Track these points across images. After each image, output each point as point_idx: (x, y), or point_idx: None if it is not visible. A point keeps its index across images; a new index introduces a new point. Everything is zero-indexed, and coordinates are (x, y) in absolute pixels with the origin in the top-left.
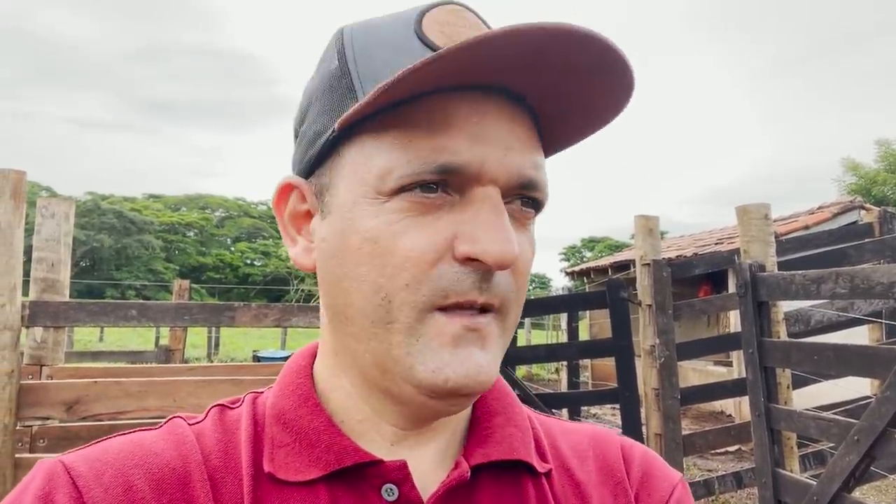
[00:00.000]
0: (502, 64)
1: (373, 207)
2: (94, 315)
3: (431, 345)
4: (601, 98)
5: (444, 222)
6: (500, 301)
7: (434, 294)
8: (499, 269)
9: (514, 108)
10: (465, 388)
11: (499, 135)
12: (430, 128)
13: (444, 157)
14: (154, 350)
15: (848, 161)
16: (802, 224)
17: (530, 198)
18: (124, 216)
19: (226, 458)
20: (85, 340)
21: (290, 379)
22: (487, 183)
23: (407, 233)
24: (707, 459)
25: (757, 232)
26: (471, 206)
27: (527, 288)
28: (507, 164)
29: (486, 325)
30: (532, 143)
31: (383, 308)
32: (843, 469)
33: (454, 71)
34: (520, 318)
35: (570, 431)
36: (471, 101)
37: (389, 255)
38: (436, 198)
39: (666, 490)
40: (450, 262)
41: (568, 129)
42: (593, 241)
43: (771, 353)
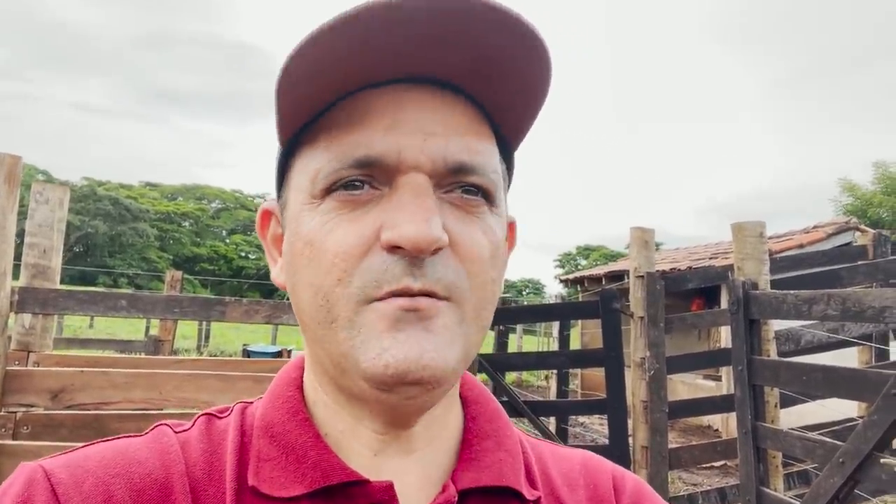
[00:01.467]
0: (390, 46)
1: (310, 212)
2: (83, 304)
3: (372, 333)
4: (522, 68)
5: (372, 215)
6: (446, 288)
7: (366, 286)
8: (418, 252)
9: (443, 95)
10: (410, 375)
11: (419, 122)
12: (349, 125)
13: (360, 151)
14: (143, 340)
15: (845, 182)
16: (797, 243)
17: (471, 185)
18: (120, 203)
19: (210, 470)
20: (75, 327)
21: (280, 391)
22: (409, 170)
23: (335, 230)
24: (692, 473)
25: (751, 249)
26: (395, 194)
27: (490, 279)
28: (428, 150)
29: (430, 307)
30: (466, 128)
31: (325, 308)
32: (827, 490)
33: (338, 59)
34: (491, 312)
35: (561, 457)
36: (391, 94)
37: (322, 255)
38: (361, 194)
39: None
40: (378, 253)
41: (511, 109)
42: (588, 250)
43: (760, 371)
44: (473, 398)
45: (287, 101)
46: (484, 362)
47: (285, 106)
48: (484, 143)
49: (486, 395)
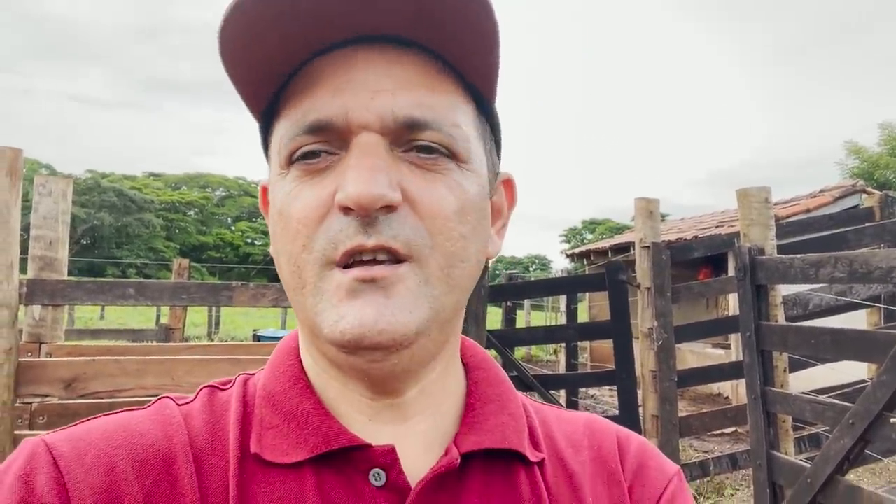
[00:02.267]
0: (323, 8)
1: (280, 182)
2: (91, 293)
3: (332, 300)
4: (464, 11)
5: (329, 179)
6: (405, 245)
7: (326, 248)
8: (363, 210)
9: (394, 52)
10: (366, 339)
11: (367, 81)
12: (302, 92)
13: (310, 116)
14: (154, 329)
15: (851, 144)
16: (804, 207)
17: (428, 141)
18: (124, 194)
19: (213, 440)
20: (86, 318)
21: (280, 360)
22: (359, 130)
23: (298, 197)
24: (703, 441)
25: (757, 215)
26: (347, 156)
27: (458, 234)
28: (374, 108)
29: (389, 276)
30: (417, 83)
31: (296, 274)
32: (838, 452)
33: (267, 29)
34: (465, 270)
35: (565, 420)
36: (340, 57)
37: (289, 223)
38: (319, 161)
39: (661, 483)
40: (336, 215)
41: (468, 57)
42: (594, 223)
43: (768, 336)
44: (475, 364)
45: (237, 78)
46: (492, 338)
47: (237, 80)
48: (439, 96)
49: (489, 360)
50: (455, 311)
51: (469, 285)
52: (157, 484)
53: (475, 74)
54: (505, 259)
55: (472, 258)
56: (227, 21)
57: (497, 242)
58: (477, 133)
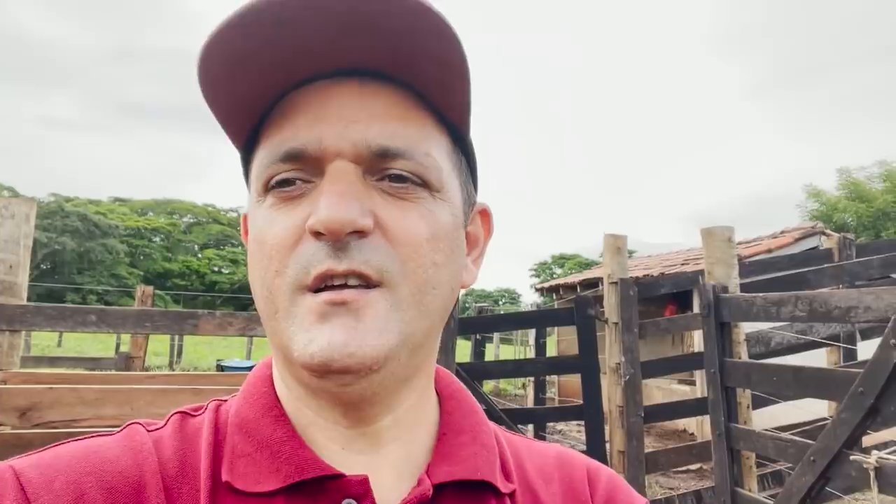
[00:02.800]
0: (296, 42)
1: (257, 209)
2: (51, 320)
3: (303, 324)
4: (433, 47)
5: (303, 206)
6: (376, 271)
7: (298, 273)
8: (332, 234)
9: (370, 85)
10: (335, 363)
11: (341, 112)
12: (279, 123)
13: (286, 145)
14: (114, 357)
15: (810, 188)
16: (765, 248)
17: (401, 171)
18: (88, 219)
19: (183, 467)
20: (43, 345)
21: (254, 387)
22: (333, 158)
23: (273, 224)
24: (669, 477)
25: (721, 254)
26: (321, 184)
27: (430, 262)
28: (348, 136)
29: (358, 298)
30: (390, 114)
31: (269, 300)
32: (800, 489)
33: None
34: (437, 296)
35: (536, 452)
36: (316, 90)
37: (263, 249)
38: (293, 190)
39: None
40: (308, 241)
41: (439, 89)
42: (563, 258)
43: (732, 373)
44: (449, 394)
45: (216, 106)
46: (461, 371)
47: (218, 111)
48: (411, 127)
49: (462, 391)
50: (427, 337)
51: (442, 313)
52: None
53: (448, 108)
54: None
55: (444, 285)
56: (208, 53)
57: (472, 271)
58: (451, 164)
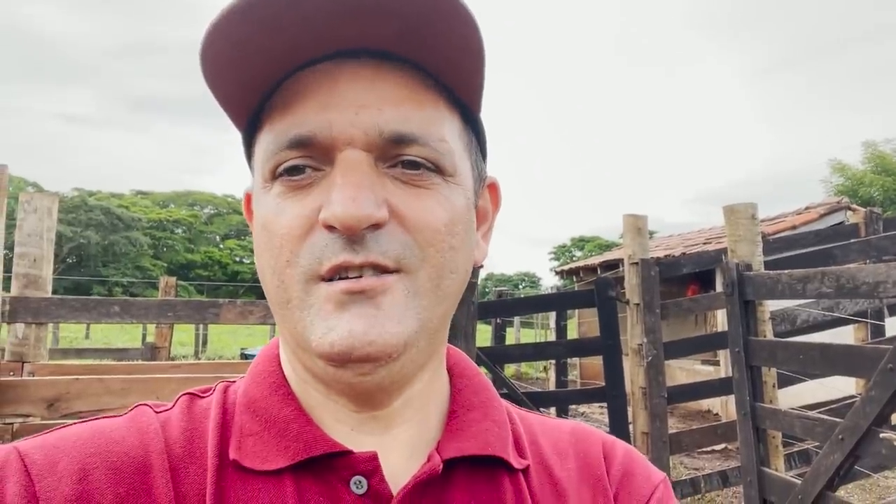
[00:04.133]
0: (304, 22)
1: (264, 196)
2: (75, 311)
3: (320, 313)
4: (447, 24)
5: (313, 195)
6: (394, 260)
7: (311, 264)
8: (348, 230)
9: (379, 66)
10: (356, 351)
11: (351, 96)
12: (285, 106)
13: (293, 132)
14: (140, 347)
15: (835, 163)
16: (789, 224)
17: (415, 157)
18: (111, 212)
19: (190, 447)
20: (70, 337)
21: (262, 367)
22: (344, 146)
23: (282, 213)
24: (694, 458)
25: (744, 231)
26: (332, 173)
27: (447, 246)
28: (360, 123)
29: (377, 286)
30: (403, 97)
31: (281, 289)
32: (828, 468)
33: (251, 42)
34: (454, 280)
35: (550, 428)
36: (324, 71)
37: (273, 238)
38: (303, 178)
39: (647, 490)
40: (320, 231)
41: (453, 69)
42: (583, 241)
43: (757, 352)
44: (459, 371)
45: (219, 91)
46: (482, 355)
47: (220, 95)
48: (426, 110)
49: (472, 368)
50: (442, 322)
51: (457, 295)
52: (131, 492)
53: (460, 86)
54: (494, 276)
55: (460, 269)
56: (211, 36)
57: (483, 247)
58: (463, 144)
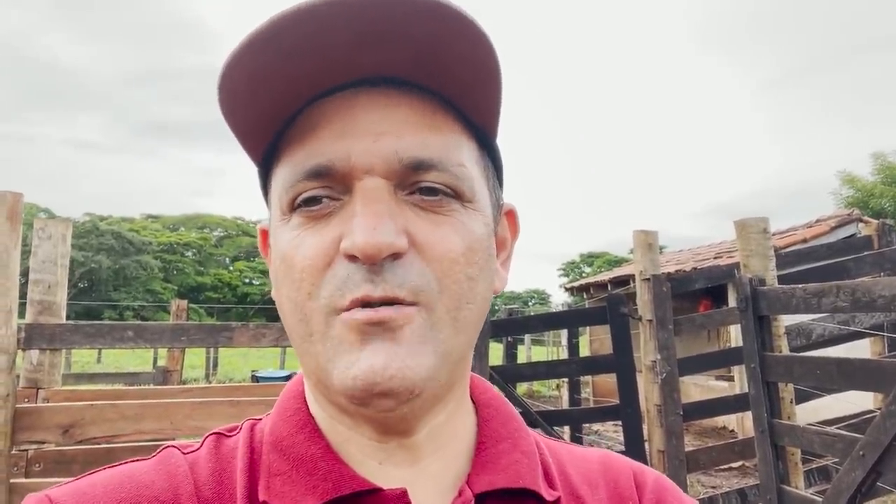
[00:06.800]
0: (318, 52)
1: (282, 228)
2: (90, 337)
3: (341, 347)
4: (462, 51)
5: (333, 226)
6: (411, 292)
7: (332, 296)
8: (368, 260)
9: (396, 93)
10: (377, 387)
11: (369, 124)
12: (303, 137)
13: (311, 161)
14: (152, 371)
15: (845, 174)
16: (800, 237)
17: (433, 183)
18: (122, 237)
19: (219, 489)
20: (83, 362)
21: (287, 404)
22: (363, 175)
23: (301, 245)
24: (711, 476)
25: (756, 246)
26: (351, 202)
27: (465, 276)
28: (377, 151)
29: (396, 318)
30: (420, 124)
31: (303, 323)
32: (850, 485)
33: (267, 75)
34: (472, 311)
35: (579, 457)
36: (341, 100)
37: (293, 270)
38: (321, 208)
39: None
40: (341, 263)
41: (469, 94)
42: (592, 257)
43: (773, 367)
44: (486, 401)
45: (236, 124)
46: (494, 374)
47: (237, 128)
48: (444, 135)
49: (499, 398)
50: (463, 353)
51: (477, 325)
52: None
53: (476, 111)
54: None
55: (478, 298)
56: (229, 68)
57: (503, 276)
58: (480, 170)
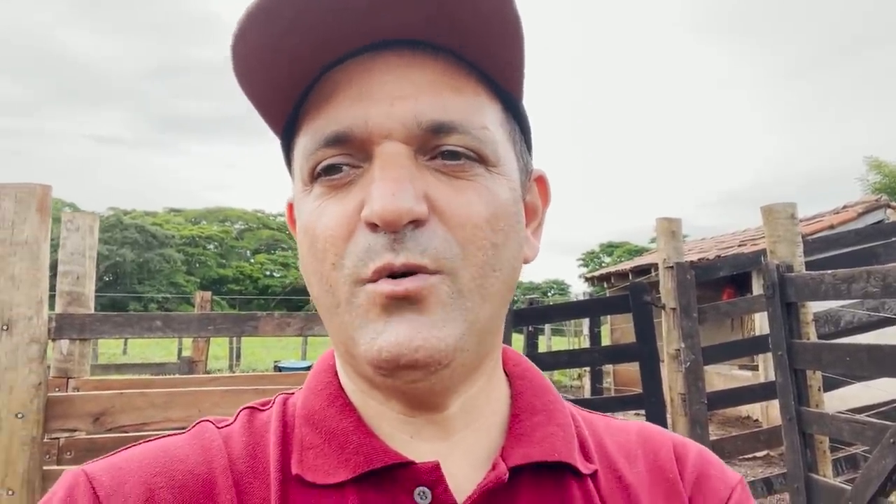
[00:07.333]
0: (331, 16)
1: (305, 199)
2: (119, 327)
3: (367, 318)
4: (483, 8)
5: (354, 194)
6: (434, 260)
7: (356, 266)
8: (389, 227)
9: (413, 55)
10: (403, 358)
11: (386, 87)
12: (320, 104)
13: (329, 128)
14: (177, 362)
15: (872, 160)
16: (827, 224)
17: (455, 146)
18: (146, 230)
19: (253, 462)
20: (109, 353)
21: (318, 378)
22: (381, 140)
23: (323, 216)
24: (735, 465)
25: (783, 232)
26: (371, 168)
27: (490, 244)
28: (396, 114)
29: (421, 289)
30: (441, 85)
31: (330, 294)
32: (880, 473)
33: (278, 42)
34: (499, 279)
35: (616, 429)
36: (357, 65)
37: (316, 241)
38: (342, 176)
39: (724, 493)
40: (363, 232)
41: (492, 54)
42: (612, 246)
43: (801, 354)
44: (519, 373)
45: (253, 94)
46: None
47: (254, 99)
48: (465, 97)
49: (533, 369)
50: (493, 322)
51: (506, 295)
52: None
53: (499, 72)
54: (523, 285)
55: (505, 266)
56: (237, 38)
57: (534, 244)
58: (505, 133)
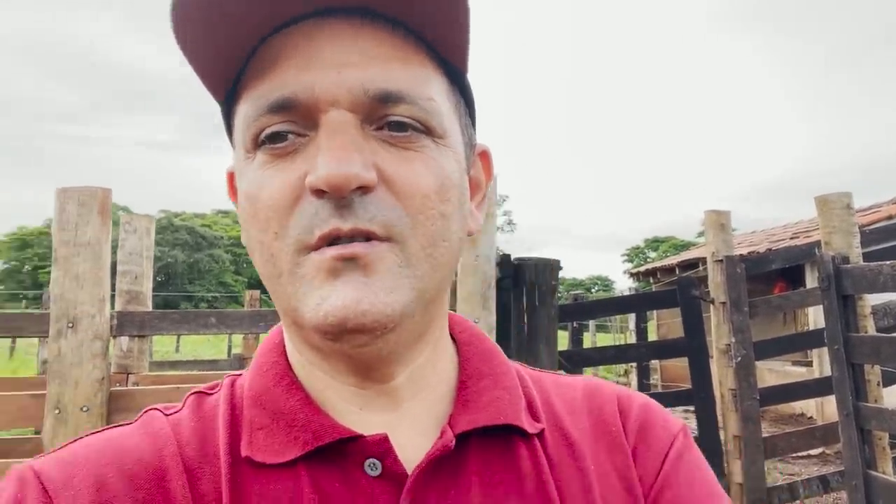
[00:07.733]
0: None
1: (247, 167)
2: (176, 324)
3: (312, 284)
4: None
5: (298, 163)
6: (383, 227)
7: (301, 234)
8: (336, 191)
9: (362, 24)
10: (350, 322)
11: (334, 55)
12: (264, 70)
13: (274, 94)
14: (228, 359)
15: None
16: (885, 214)
17: (402, 117)
18: (196, 232)
19: (203, 447)
20: (163, 351)
21: (264, 357)
22: (328, 107)
23: (266, 184)
24: (788, 463)
25: (839, 222)
26: (317, 136)
27: (437, 213)
28: (343, 82)
29: (367, 253)
30: (388, 55)
31: (271, 263)
32: None
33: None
34: (446, 249)
35: (564, 386)
36: (304, 31)
37: (259, 210)
38: (287, 145)
39: (665, 441)
40: (308, 199)
41: (437, 25)
42: (657, 241)
43: (859, 348)
44: (466, 339)
45: (194, 58)
46: (562, 359)
47: (195, 63)
48: (412, 68)
49: (480, 335)
50: (439, 292)
51: (452, 265)
52: (148, 498)
53: (445, 45)
54: (566, 281)
55: (453, 237)
56: (177, 11)
57: (477, 217)
58: (451, 106)
